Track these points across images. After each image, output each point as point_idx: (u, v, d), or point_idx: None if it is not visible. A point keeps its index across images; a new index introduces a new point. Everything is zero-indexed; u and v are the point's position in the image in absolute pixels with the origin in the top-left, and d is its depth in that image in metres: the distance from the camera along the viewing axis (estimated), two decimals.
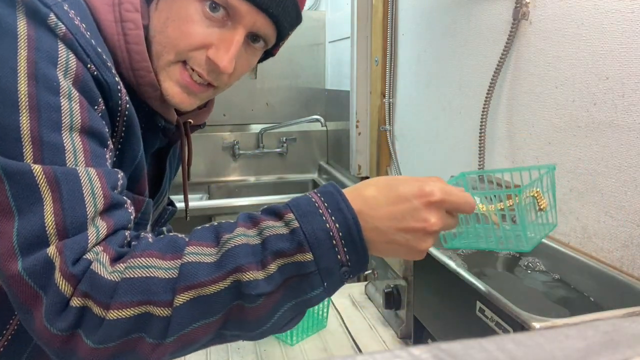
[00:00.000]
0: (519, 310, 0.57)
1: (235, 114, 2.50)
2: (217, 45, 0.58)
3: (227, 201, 1.95)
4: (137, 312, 0.45)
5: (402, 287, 0.95)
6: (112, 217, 0.49)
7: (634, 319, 0.28)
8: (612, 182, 0.79)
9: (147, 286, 0.45)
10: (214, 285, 0.46)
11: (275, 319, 0.49)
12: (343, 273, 0.50)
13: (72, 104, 0.49)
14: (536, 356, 0.23)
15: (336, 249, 0.48)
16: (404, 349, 0.23)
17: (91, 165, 0.49)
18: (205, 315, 0.46)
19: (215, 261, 0.47)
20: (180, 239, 0.50)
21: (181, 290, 0.45)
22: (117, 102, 0.55)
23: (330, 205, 0.49)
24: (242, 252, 0.47)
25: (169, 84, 0.61)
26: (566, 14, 0.87)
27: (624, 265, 0.77)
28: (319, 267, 0.48)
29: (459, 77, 1.25)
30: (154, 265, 0.46)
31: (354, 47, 1.85)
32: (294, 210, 0.50)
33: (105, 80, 0.53)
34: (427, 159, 1.47)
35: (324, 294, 0.50)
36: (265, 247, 0.48)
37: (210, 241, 0.49)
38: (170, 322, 0.45)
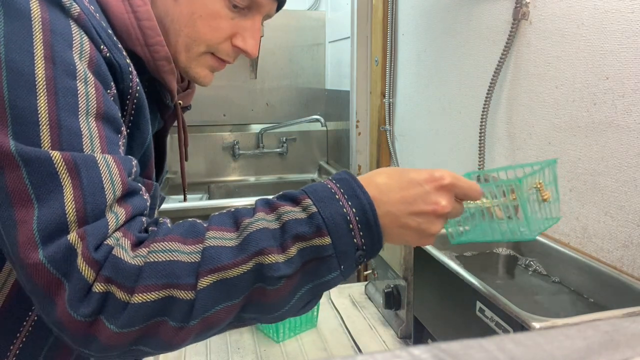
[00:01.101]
0: (519, 310, 0.57)
1: (235, 114, 2.50)
2: (243, 34, 0.63)
3: (227, 201, 1.95)
4: (161, 296, 0.45)
5: (402, 287, 0.95)
6: (130, 203, 0.50)
7: (634, 319, 0.28)
8: (612, 182, 0.79)
9: (171, 270, 0.46)
10: (237, 268, 0.47)
11: (293, 302, 0.51)
12: (358, 257, 0.51)
13: (88, 88, 0.49)
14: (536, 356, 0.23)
15: (353, 232, 0.50)
16: (404, 349, 0.23)
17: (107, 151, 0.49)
18: (228, 298, 0.47)
19: (237, 245, 0.48)
20: (200, 224, 0.51)
21: (204, 273, 0.46)
22: (128, 84, 0.55)
23: (346, 191, 0.51)
24: (263, 236, 0.48)
25: (200, 69, 0.65)
26: (566, 14, 0.87)
27: (624, 265, 0.77)
28: (336, 250, 0.50)
29: (459, 77, 1.25)
30: (177, 249, 0.47)
31: (354, 47, 1.85)
32: (311, 196, 0.51)
33: (117, 62, 0.53)
34: (427, 159, 1.47)
35: (340, 277, 0.52)
36: (285, 231, 0.49)
37: (230, 226, 0.50)
38: (194, 305, 0.46)
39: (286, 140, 2.54)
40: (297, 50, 2.49)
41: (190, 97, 0.77)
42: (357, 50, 1.83)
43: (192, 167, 2.44)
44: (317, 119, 2.39)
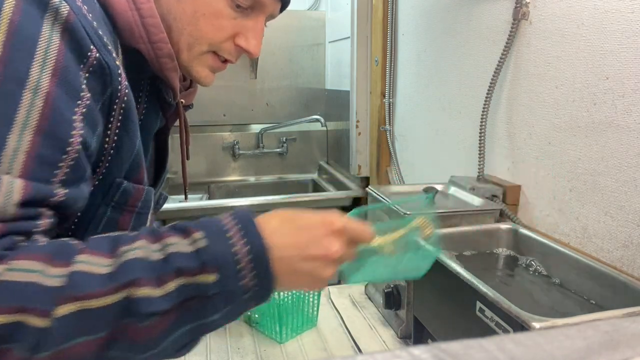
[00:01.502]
0: (519, 310, 0.57)
1: (235, 114, 2.50)
2: (245, 35, 0.63)
3: (227, 201, 1.95)
4: (10, 320, 0.40)
5: (402, 287, 0.95)
6: (8, 226, 0.45)
7: (634, 319, 0.28)
8: (612, 182, 0.79)
9: (27, 292, 0.41)
10: (103, 298, 0.43)
11: (167, 342, 0.47)
12: (246, 300, 0.49)
13: (35, 100, 0.46)
14: (536, 356, 0.23)
15: (242, 273, 0.47)
16: (404, 349, 0.23)
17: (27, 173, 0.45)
18: (89, 331, 0.43)
19: (108, 272, 0.44)
20: (73, 245, 0.46)
21: (65, 300, 0.42)
22: (116, 87, 0.53)
23: (241, 230, 0.49)
24: (139, 266, 0.45)
25: (201, 68, 0.65)
26: (566, 14, 0.87)
27: (624, 265, 0.77)
28: (222, 289, 0.47)
29: (459, 77, 1.25)
30: (39, 270, 0.42)
31: (354, 47, 1.85)
32: (203, 230, 0.48)
33: (107, 64, 0.51)
34: (427, 159, 1.47)
35: (224, 319, 0.49)
36: (167, 264, 0.46)
37: (106, 251, 0.46)
38: (48, 334, 0.41)
39: (286, 140, 2.54)
40: (297, 50, 2.49)
41: (193, 96, 0.76)
42: (357, 50, 1.83)
43: (192, 167, 2.44)
44: (317, 119, 2.39)
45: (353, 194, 2.02)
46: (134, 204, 0.60)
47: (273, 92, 2.53)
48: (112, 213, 0.58)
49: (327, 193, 2.16)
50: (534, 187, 0.98)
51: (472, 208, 0.95)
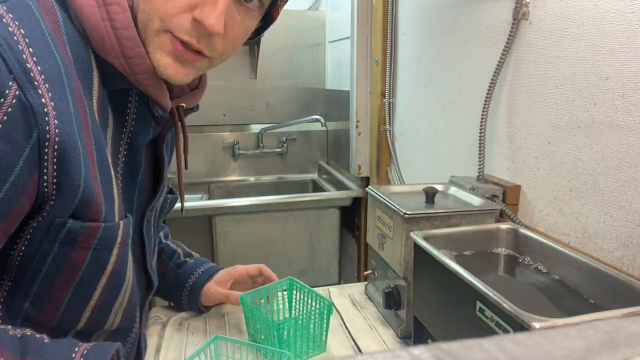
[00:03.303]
0: (519, 310, 0.57)
1: (235, 114, 2.50)
2: (203, 3, 0.52)
3: (227, 201, 1.94)
4: None
5: (402, 287, 0.95)
6: None
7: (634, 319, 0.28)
8: (612, 182, 0.79)
9: None
10: None
11: None
12: None
13: None
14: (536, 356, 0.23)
15: None
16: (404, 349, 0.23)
17: None
18: None
19: None
20: None
21: None
22: (44, 128, 0.46)
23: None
24: None
25: (159, 55, 0.55)
26: (566, 14, 0.87)
27: (624, 265, 0.77)
28: None
29: (459, 77, 1.25)
30: None
31: (354, 47, 1.85)
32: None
33: (29, 103, 0.45)
34: (427, 159, 1.47)
35: None
36: None
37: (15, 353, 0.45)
38: None
39: (286, 140, 2.54)
40: (297, 50, 2.49)
41: (198, 98, 0.70)
42: (357, 50, 1.83)
43: (192, 167, 2.44)
44: (317, 119, 2.39)
45: (353, 194, 2.02)
46: (87, 240, 0.55)
47: (273, 92, 2.53)
48: (59, 250, 0.54)
49: (327, 193, 2.16)
50: (534, 187, 0.98)
51: (472, 208, 0.95)
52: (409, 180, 1.62)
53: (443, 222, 0.92)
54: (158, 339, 0.96)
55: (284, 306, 1.00)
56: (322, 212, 2.03)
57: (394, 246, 0.96)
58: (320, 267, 2.09)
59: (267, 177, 2.56)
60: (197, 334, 0.97)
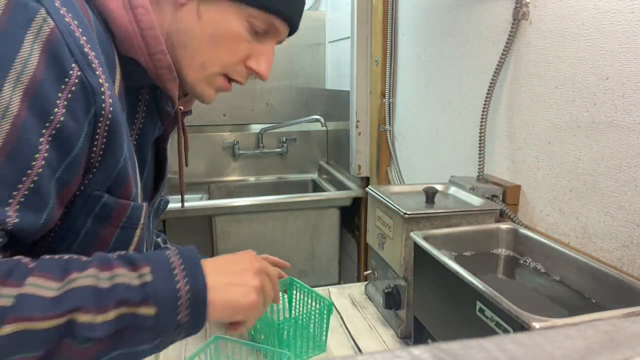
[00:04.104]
0: (519, 310, 0.57)
1: (235, 114, 2.50)
2: (257, 58, 0.65)
3: (227, 201, 1.95)
4: None
5: (402, 287, 0.95)
6: None
7: (634, 319, 0.28)
8: (612, 182, 0.79)
9: None
10: (47, 321, 0.45)
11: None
12: (176, 333, 0.53)
13: (2, 123, 0.46)
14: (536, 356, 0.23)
15: (179, 309, 0.52)
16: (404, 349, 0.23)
17: None
18: (28, 349, 0.45)
19: (55, 297, 0.47)
20: (25, 266, 0.48)
21: (11, 320, 0.44)
22: (100, 105, 0.53)
23: (186, 268, 0.54)
24: (85, 294, 0.48)
25: (208, 89, 0.66)
26: (566, 14, 0.87)
27: (624, 265, 0.77)
28: (157, 323, 0.50)
29: (459, 77, 1.25)
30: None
31: (354, 47, 1.85)
32: (150, 265, 0.52)
33: (89, 83, 0.51)
34: (427, 159, 1.47)
35: (153, 349, 0.53)
36: (112, 293, 0.49)
37: (56, 275, 0.48)
38: None
39: (286, 140, 2.54)
40: (297, 50, 2.49)
41: (191, 103, 0.77)
42: (357, 50, 1.83)
43: (192, 167, 2.44)
44: (317, 119, 2.39)
45: (353, 194, 2.02)
46: (118, 217, 0.60)
47: (273, 92, 2.53)
48: (92, 225, 0.58)
49: (327, 193, 2.17)
50: (534, 187, 0.98)
51: (472, 208, 0.95)
52: (409, 180, 1.62)
53: (443, 222, 0.92)
54: None
55: (284, 306, 1.00)
56: (322, 212, 2.03)
57: (394, 246, 0.96)
58: (320, 267, 2.09)
59: (267, 177, 2.56)
60: (197, 334, 0.97)
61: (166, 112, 0.69)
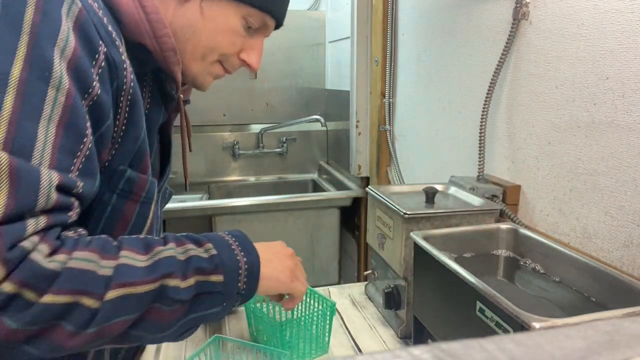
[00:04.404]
0: (519, 310, 0.57)
1: (235, 114, 2.50)
2: (248, 51, 0.72)
3: (227, 201, 1.94)
4: (69, 301, 0.48)
5: (402, 287, 0.95)
6: (54, 215, 0.51)
7: (634, 319, 0.28)
8: (612, 182, 0.79)
9: (86, 278, 0.50)
10: (144, 285, 0.53)
11: (177, 326, 0.58)
12: (236, 299, 0.62)
13: (58, 95, 0.50)
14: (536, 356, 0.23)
15: (239, 277, 0.62)
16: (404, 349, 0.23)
17: (55, 163, 0.50)
18: (128, 311, 0.52)
19: (147, 266, 0.54)
20: (113, 243, 0.55)
21: (115, 286, 0.51)
22: (122, 80, 0.57)
23: (240, 244, 0.64)
24: (171, 263, 0.56)
25: (208, 78, 0.73)
26: (566, 14, 0.87)
27: (624, 265, 0.77)
28: (224, 288, 0.60)
29: (459, 77, 1.25)
30: (95, 261, 0.51)
31: (354, 47, 1.85)
32: (211, 242, 0.62)
33: (113, 59, 0.56)
34: (427, 159, 1.47)
35: (220, 313, 0.61)
36: (189, 264, 0.57)
37: (141, 249, 0.56)
38: (97, 314, 0.50)
39: (286, 140, 2.54)
40: (297, 50, 2.49)
41: (190, 92, 0.80)
42: (357, 50, 1.83)
43: (192, 167, 2.44)
44: (317, 119, 2.39)
45: (353, 194, 2.02)
46: (138, 193, 0.64)
47: (273, 92, 2.53)
48: (117, 201, 0.62)
49: (327, 193, 2.17)
50: (534, 187, 0.98)
51: (472, 208, 0.95)
52: (409, 180, 1.62)
53: (443, 222, 0.92)
54: None
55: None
56: (322, 212, 2.03)
57: (394, 246, 0.96)
58: (320, 267, 2.09)
59: (267, 177, 2.56)
60: (197, 334, 0.97)
61: (170, 97, 0.72)
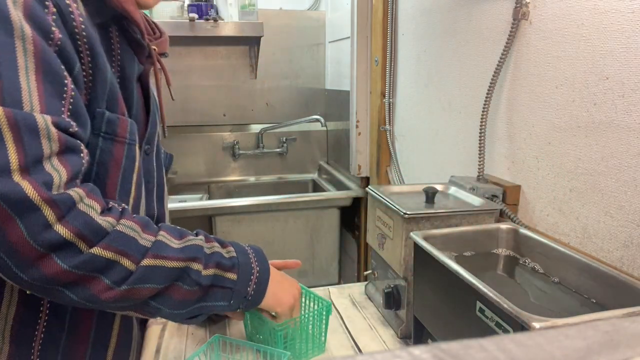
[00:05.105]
0: (519, 310, 0.57)
1: (235, 114, 2.50)
2: None
3: (227, 201, 1.94)
4: (113, 257, 0.56)
5: (402, 287, 0.95)
6: (68, 161, 0.55)
7: (634, 319, 0.28)
8: (612, 182, 0.79)
9: (130, 243, 0.58)
10: (173, 262, 0.62)
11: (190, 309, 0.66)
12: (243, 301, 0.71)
13: (26, 45, 0.51)
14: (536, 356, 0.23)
15: (250, 282, 0.71)
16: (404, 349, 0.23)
17: (44, 108, 0.52)
18: (156, 281, 0.60)
19: (179, 248, 0.64)
20: (154, 225, 0.65)
21: (150, 256, 0.60)
22: (72, 24, 0.57)
23: (256, 257, 0.74)
24: (198, 250, 0.66)
25: None
26: (566, 14, 0.87)
27: (624, 265, 0.77)
28: (235, 287, 0.69)
29: (459, 77, 1.25)
30: (138, 231, 0.60)
31: (354, 47, 1.85)
32: (234, 247, 0.72)
33: (59, 5, 0.56)
34: (427, 159, 1.47)
35: (227, 307, 0.70)
36: (212, 257, 0.67)
37: (176, 235, 0.66)
38: (132, 275, 0.58)
39: (286, 140, 2.54)
40: (297, 50, 2.49)
41: (165, 45, 0.80)
42: (357, 50, 1.83)
43: (192, 167, 2.44)
44: (317, 119, 2.39)
45: (353, 194, 2.02)
46: (122, 134, 0.66)
47: (273, 92, 2.53)
48: (104, 144, 0.64)
49: (327, 193, 2.17)
50: (534, 187, 0.98)
51: (472, 208, 0.95)
52: (409, 180, 1.62)
53: (443, 222, 0.92)
54: (158, 339, 0.96)
55: None
56: (322, 212, 2.03)
57: (394, 246, 0.96)
58: (320, 267, 2.09)
59: (267, 177, 2.56)
60: (197, 334, 0.97)
61: (139, 44, 0.71)
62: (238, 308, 0.71)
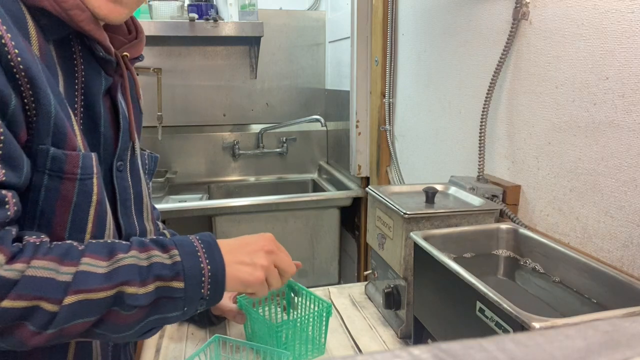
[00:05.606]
0: (519, 310, 0.57)
1: (235, 114, 2.50)
2: None
3: (227, 201, 1.94)
4: (29, 305, 0.52)
5: (402, 287, 0.95)
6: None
7: (634, 319, 0.28)
8: (612, 182, 0.79)
9: (45, 285, 0.53)
10: (101, 292, 0.56)
11: (138, 327, 0.60)
12: (200, 304, 0.64)
13: None
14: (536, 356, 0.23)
15: (202, 284, 0.62)
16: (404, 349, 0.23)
17: None
18: (86, 315, 0.55)
19: (106, 273, 0.57)
20: (76, 249, 0.57)
21: (72, 292, 0.54)
22: (5, 56, 0.52)
23: (207, 251, 0.64)
24: (130, 270, 0.58)
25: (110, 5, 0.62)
26: (566, 14, 0.87)
27: (624, 265, 0.77)
28: (185, 295, 0.61)
29: (459, 77, 1.25)
30: (53, 269, 0.54)
31: (354, 47, 1.85)
32: (178, 248, 0.62)
33: None
34: (427, 159, 1.47)
35: (181, 316, 0.63)
36: (150, 270, 0.59)
37: (104, 256, 0.58)
38: (56, 316, 0.53)
39: (286, 140, 2.54)
40: (297, 50, 2.49)
41: (140, 47, 0.74)
42: (357, 50, 1.83)
43: (192, 167, 2.44)
44: (317, 119, 2.39)
45: (353, 194, 2.02)
46: (71, 171, 0.60)
47: (273, 92, 2.53)
48: (49, 182, 0.59)
49: (327, 193, 2.17)
50: (534, 187, 0.98)
51: (472, 208, 0.95)
52: (409, 180, 1.62)
53: (443, 222, 0.92)
54: (158, 339, 0.96)
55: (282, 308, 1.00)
56: (322, 212, 2.03)
57: (394, 246, 0.96)
58: (320, 267, 2.09)
59: (267, 177, 2.56)
60: (197, 334, 0.97)
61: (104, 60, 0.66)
62: (197, 310, 0.65)
